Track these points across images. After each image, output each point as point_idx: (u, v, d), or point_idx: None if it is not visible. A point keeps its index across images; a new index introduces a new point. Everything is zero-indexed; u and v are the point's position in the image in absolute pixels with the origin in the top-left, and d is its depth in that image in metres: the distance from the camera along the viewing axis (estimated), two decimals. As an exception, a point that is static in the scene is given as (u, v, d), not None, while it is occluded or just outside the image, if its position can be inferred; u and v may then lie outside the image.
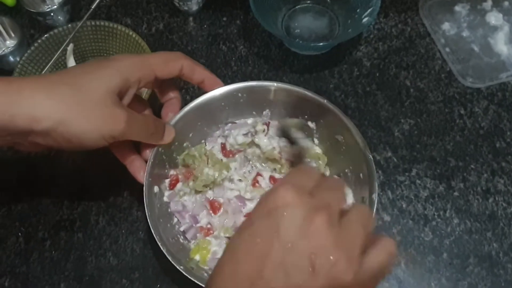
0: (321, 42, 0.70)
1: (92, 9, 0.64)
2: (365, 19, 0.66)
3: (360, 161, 0.52)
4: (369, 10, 0.65)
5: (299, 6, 0.72)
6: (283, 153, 0.56)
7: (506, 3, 0.72)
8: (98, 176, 0.60)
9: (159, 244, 0.48)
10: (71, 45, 0.65)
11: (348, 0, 0.69)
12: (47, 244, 0.57)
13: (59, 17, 0.69)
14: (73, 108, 0.44)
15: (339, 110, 0.54)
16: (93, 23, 0.65)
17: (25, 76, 0.61)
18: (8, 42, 0.69)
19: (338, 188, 0.40)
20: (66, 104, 0.44)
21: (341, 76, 0.68)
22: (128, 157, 0.52)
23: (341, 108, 0.54)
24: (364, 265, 0.35)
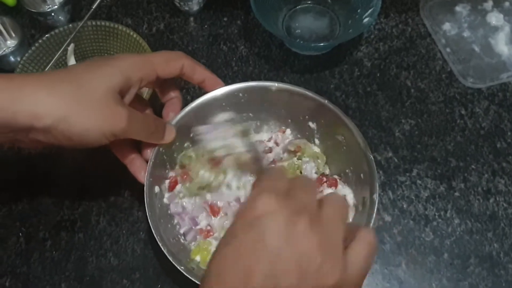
0: (322, 43, 0.70)
1: (93, 9, 0.64)
2: (366, 20, 0.66)
3: (361, 161, 0.52)
4: (370, 11, 0.65)
5: (300, 6, 0.72)
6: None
7: (507, 4, 0.72)
8: (99, 176, 0.60)
9: (160, 245, 0.48)
10: (72, 45, 0.65)
11: (349, 1, 0.69)
12: (48, 244, 0.57)
13: (60, 17, 0.69)
14: (75, 106, 0.44)
15: (340, 110, 0.54)
16: (94, 23, 0.65)
17: (27, 73, 0.61)
18: (9, 42, 0.69)
19: (310, 185, 0.40)
20: (68, 102, 0.44)
21: (342, 76, 0.68)
22: (129, 157, 0.52)
23: (342, 108, 0.54)
24: (349, 262, 0.35)
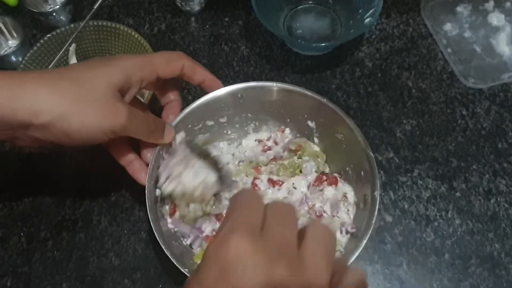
0: (323, 43, 0.70)
1: (94, 9, 0.64)
2: (367, 20, 0.66)
3: (361, 159, 0.52)
4: (371, 11, 0.65)
5: (301, 7, 0.72)
6: (208, 189, 0.52)
7: (508, 4, 0.72)
8: (100, 176, 0.60)
9: (163, 248, 0.47)
10: (74, 45, 0.65)
11: (350, 1, 0.69)
12: (49, 244, 0.57)
13: (61, 17, 0.69)
14: (74, 103, 0.44)
15: (339, 109, 0.54)
16: (95, 23, 0.65)
17: (28, 71, 0.61)
18: (10, 42, 0.69)
19: (289, 213, 0.34)
20: (68, 99, 0.44)
21: (343, 77, 0.68)
22: (127, 159, 0.52)
23: (343, 109, 0.54)
24: None
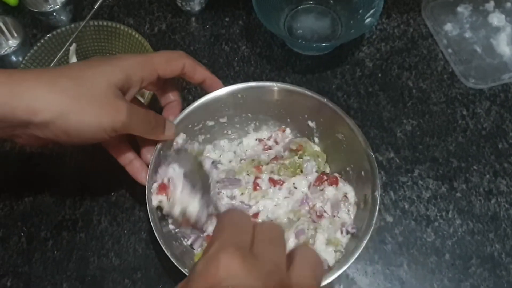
0: (324, 43, 0.70)
1: (95, 9, 0.64)
2: (368, 20, 0.66)
3: (362, 159, 0.52)
4: (372, 11, 0.65)
5: (302, 7, 0.72)
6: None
7: (509, 4, 0.72)
8: (100, 176, 0.60)
9: (163, 248, 0.47)
10: (74, 45, 0.65)
11: (351, 1, 0.69)
12: (49, 244, 0.57)
13: (62, 17, 0.69)
14: (74, 101, 0.44)
15: (339, 109, 0.54)
16: (96, 23, 0.65)
17: (27, 69, 0.61)
18: (11, 42, 0.69)
19: (278, 235, 0.35)
20: (67, 97, 0.43)
21: (344, 77, 0.68)
22: (127, 158, 0.52)
23: (344, 109, 0.54)
24: None
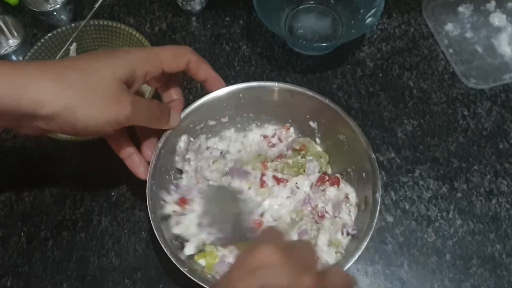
0: (324, 43, 0.70)
1: (95, 9, 0.64)
2: (369, 20, 0.65)
3: (363, 160, 0.52)
4: (373, 11, 0.65)
5: (302, 6, 0.72)
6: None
7: (510, 4, 0.72)
8: (100, 176, 0.60)
9: (163, 246, 0.47)
10: (74, 45, 0.65)
11: (352, 1, 0.69)
12: (49, 244, 0.57)
13: (62, 16, 0.69)
14: (80, 94, 0.43)
15: (341, 109, 0.54)
16: (96, 23, 0.64)
17: (32, 61, 0.61)
18: (11, 41, 0.69)
19: (311, 249, 0.38)
20: (73, 90, 0.43)
21: (344, 77, 0.67)
22: (127, 151, 0.52)
23: (344, 109, 0.54)
24: None
